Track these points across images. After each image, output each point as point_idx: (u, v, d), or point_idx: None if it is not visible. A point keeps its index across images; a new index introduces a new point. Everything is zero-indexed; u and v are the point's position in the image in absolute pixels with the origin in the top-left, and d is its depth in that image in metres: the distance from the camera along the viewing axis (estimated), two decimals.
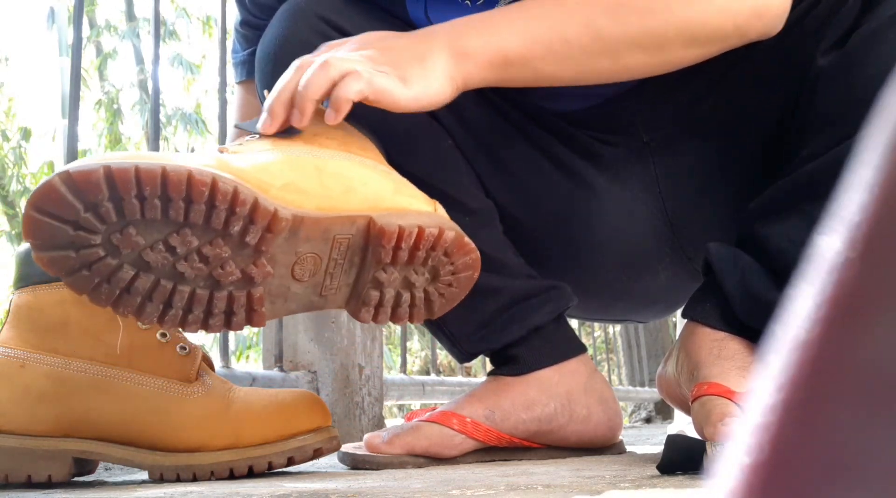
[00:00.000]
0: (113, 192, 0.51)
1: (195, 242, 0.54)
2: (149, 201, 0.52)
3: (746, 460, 0.11)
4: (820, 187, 0.67)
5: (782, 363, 0.11)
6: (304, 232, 0.57)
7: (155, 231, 0.53)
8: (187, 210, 0.52)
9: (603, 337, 3.84)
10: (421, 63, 0.65)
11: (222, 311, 0.57)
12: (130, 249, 0.53)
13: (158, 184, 0.51)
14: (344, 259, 0.60)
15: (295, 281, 0.59)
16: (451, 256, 0.63)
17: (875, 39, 0.67)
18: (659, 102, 0.84)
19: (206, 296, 0.56)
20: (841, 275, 0.11)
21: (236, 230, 0.54)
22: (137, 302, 0.55)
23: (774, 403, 0.11)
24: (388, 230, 0.58)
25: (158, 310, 0.56)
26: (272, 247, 0.56)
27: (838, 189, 0.12)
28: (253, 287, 0.57)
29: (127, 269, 0.54)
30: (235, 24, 0.96)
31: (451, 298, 0.66)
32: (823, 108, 0.70)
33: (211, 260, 0.55)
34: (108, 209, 0.51)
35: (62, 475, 0.70)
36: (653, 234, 0.89)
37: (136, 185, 0.51)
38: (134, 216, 0.52)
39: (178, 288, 0.56)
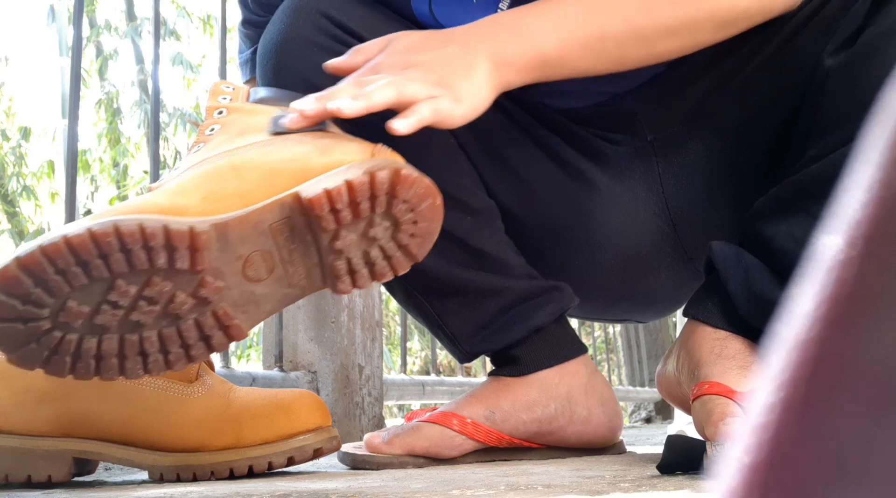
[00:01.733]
0: (34, 277, 0.51)
1: (133, 289, 0.53)
2: (69, 272, 0.51)
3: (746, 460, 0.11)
4: (825, 188, 0.67)
5: (783, 363, 0.11)
6: (234, 235, 0.55)
7: (92, 295, 0.53)
8: (107, 264, 0.52)
9: (603, 337, 3.84)
10: (468, 77, 0.67)
11: (198, 338, 0.56)
12: (80, 319, 0.53)
13: (67, 252, 0.51)
14: (294, 243, 0.57)
15: (255, 283, 0.57)
16: (398, 196, 0.58)
17: (883, 40, 0.67)
18: (663, 101, 0.84)
19: (174, 332, 0.55)
20: (841, 274, 0.11)
21: (163, 262, 0.53)
22: (116, 363, 0.55)
23: (774, 403, 0.11)
24: (314, 198, 0.55)
25: (139, 362, 0.55)
26: (208, 262, 0.54)
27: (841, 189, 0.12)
28: (213, 306, 0.55)
29: (88, 338, 0.54)
30: (238, 25, 0.96)
31: (425, 234, 0.61)
32: (830, 108, 0.70)
33: (158, 299, 0.54)
34: (37, 294, 0.51)
35: (62, 475, 0.70)
36: (655, 233, 0.89)
37: (50, 263, 0.51)
38: (64, 290, 0.52)
39: (144, 337, 0.55)
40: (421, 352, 6.00)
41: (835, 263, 0.11)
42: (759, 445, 0.11)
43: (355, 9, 0.81)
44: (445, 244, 0.82)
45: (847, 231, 0.11)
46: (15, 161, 5.76)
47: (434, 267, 0.82)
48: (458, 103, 0.65)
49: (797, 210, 0.69)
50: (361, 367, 1.32)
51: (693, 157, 0.85)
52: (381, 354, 1.39)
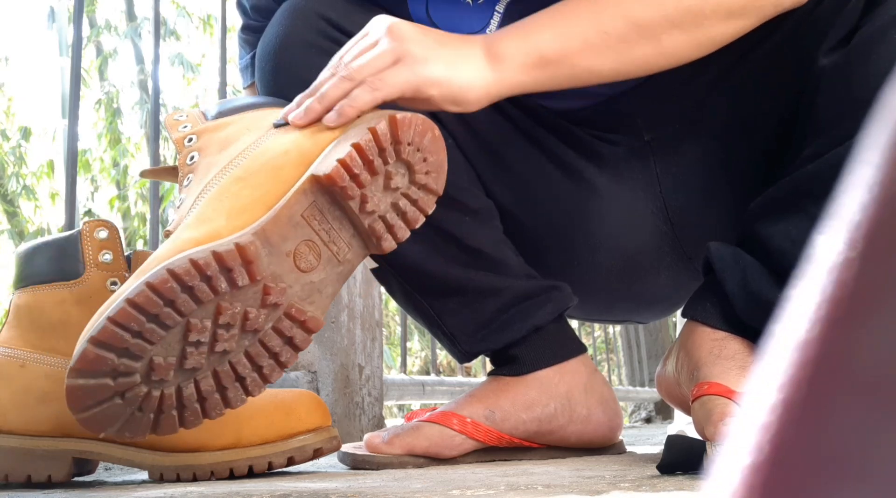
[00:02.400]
0: (112, 350, 0.52)
1: (209, 323, 0.54)
2: (143, 330, 0.52)
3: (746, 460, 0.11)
4: (822, 187, 0.67)
5: (782, 363, 0.11)
6: (275, 236, 0.57)
7: (172, 343, 0.54)
8: (175, 308, 0.53)
9: (603, 337, 3.84)
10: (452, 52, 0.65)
11: (283, 344, 0.57)
12: (171, 370, 0.54)
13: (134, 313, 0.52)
14: (329, 223, 0.59)
15: (309, 273, 0.59)
16: (401, 140, 0.61)
17: (878, 39, 0.67)
18: (660, 101, 0.84)
19: (258, 348, 0.57)
20: (841, 275, 0.11)
21: (225, 286, 0.54)
22: (219, 398, 0.56)
23: (774, 403, 0.11)
24: (332, 173, 0.57)
25: (239, 388, 0.57)
26: (263, 269, 0.56)
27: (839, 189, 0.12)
28: (283, 308, 0.57)
29: (187, 386, 0.55)
30: (238, 31, 0.96)
31: (436, 166, 0.64)
32: (826, 108, 0.70)
33: (233, 322, 0.55)
34: (123, 363, 0.52)
35: (62, 475, 0.70)
36: (653, 233, 0.89)
37: (121, 329, 0.52)
38: (143, 350, 0.53)
39: (234, 362, 0.56)
40: (421, 352, 6.00)
41: (834, 264, 0.11)
42: (759, 446, 0.11)
43: (353, 11, 0.81)
44: (444, 244, 0.82)
45: (847, 232, 0.11)
46: (15, 161, 5.76)
47: (433, 267, 0.82)
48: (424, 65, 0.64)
49: (794, 210, 0.69)
50: (361, 367, 1.32)
51: (690, 157, 0.85)
52: (381, 354, 1.39)
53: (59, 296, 0.71)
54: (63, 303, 0.71)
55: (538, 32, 0.68)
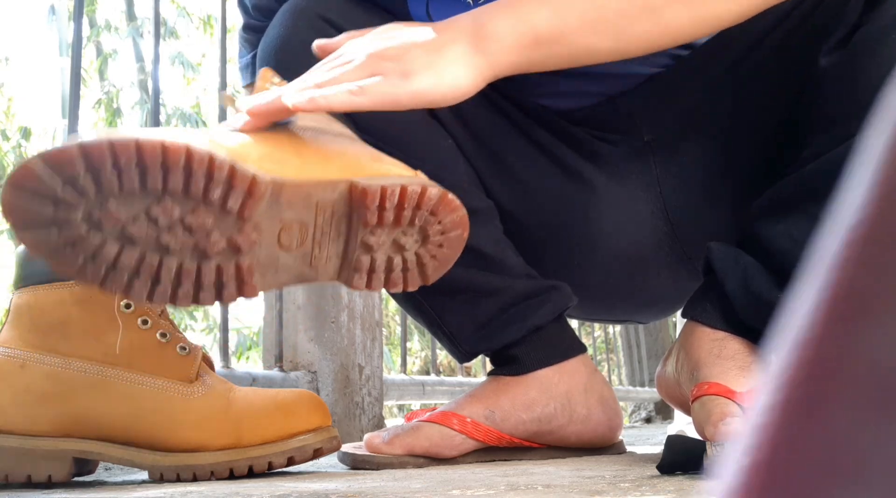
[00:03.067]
0: (90, 164, 0.51)
1: (177, 212, 0.54)
2: (125, 173, 0.51)
3: (746, 460, 0.11)
4: (822, 187, 0.67)
5: (782, 363, 0.11)
6: (286, 198, 0.56)
7: (136, 203, 0.53)
8: (165, 179, 0.52)
9: (603, 337, 3.84)
10: (433, 52, 0.61)
11: (212, 283, 0.56)
12: (113, 223, 0.53)
13: (133, 154, 0.51)
14: (330, 227, 0.59)
15: (283, 251, 0.58)
16: (437, 215, 0.61)
17: (878, 39, 0.67)
18: (660, 102, 0.84)
19: (193, 268, 0.56)
20: (841, 275, 0.11)
21: (217, 196, 0.53)
22: (125, 279, 0.55)
23: (774, 403, 0.11)
24: (370, 190, 0.58)
25: (147, 286, 0.55)
26: (255, 213, 0.55)
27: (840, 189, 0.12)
28: (240, 257, 0.56)
29: (111, 244, 0.54)
30: (239, 30, 0.96)
31: (444, 260, 0.64)
32: (826, 108, 0.70)
33: (195, 230, 0.54)
34: (86, 183, 0.51)
35: (62, 475, 0.70)
36: (653, 233, 0.89)
37: (112, 157, 0.51)
38: (113, 189, 0.52)
39: (164, 262, 0.55)
40: (421, 352, 6.00)
41: (834, 264, 0.11)
42: (758, 446, 0.11)
43: (353, 12, 0.81)
44: None
45: (846, 232, 0.11)
46: (15, 161, 5.76)
47: None
48: (406, 79, 0.60)
49: (794, 210, 0.69)
50: (361, 367, 1.32)
51: (690, 157, 0.85)
52: (381, 354, 1.39)
53: (59, 296, 0.71)
54: (63, 303, 0.71)
55: (532, 10, 0.63)
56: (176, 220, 0.54)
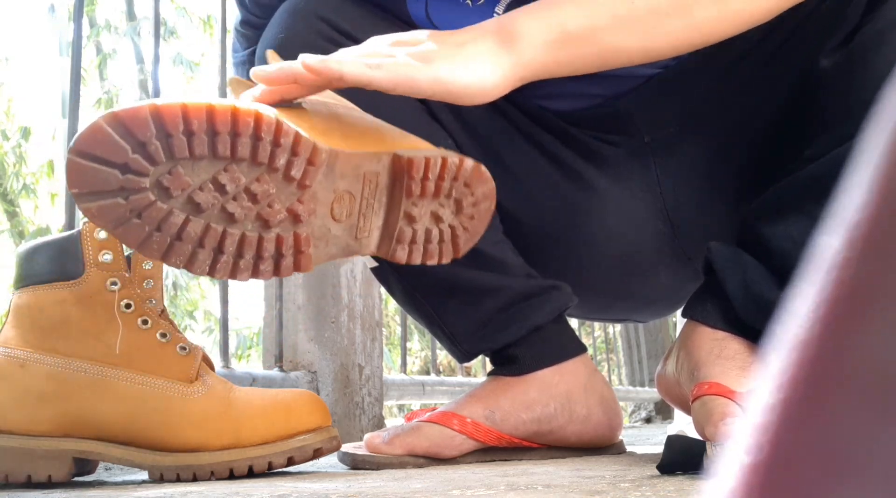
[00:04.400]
0: (161, 129, 0.50)
1: (243, 179, 0.54)
2: (196, 137, 0.51)
3: (746, 460, 0.11)
4: (822, 187, 0.67)
5: (782, 363, 0.11)
6: (339, 168, 0.57)
7: (203, 170, 0.53)
8: (234, 144, 0.52)
9: (603, 337, 3.84)
10: (456, 47, 0.59)
11: (272, 254, 0.56)
12: (181, 189, 0.52)
13: (205, 118, 0.51)
14: (374, 198, 0.60)
15: (334, 222, 0.59)
16: (471, 186, 0.64)
17: (879, 40, 0.67)
18: (659, 102, 0.84)
19: (255, 238, 0.56)
20: (841, 275, 0.11)
21: (282, 163, 0.54)
22: (189, 250, 0.54)
23: (774, 403, 0.11)
24: (415, 161, 0.59)
25: (210, 257, 0.55)
26: (314, 182, 0.56)
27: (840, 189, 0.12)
28: (299, 227, 0.57)
29: (177, 213, 0.53)
30: (235, 24, 0.96)
31: (474, 232, 0.66)
32: (826, 108, 0.70)
33: (259, 198, 0.54)
34: (156, 148, 0.50)
35: (62, 475, 0.70)
36: (653, 233, 0.89)
37: (184, 121, 0.51)
38: (183, 154, 0.51)
39: (228, 231, 0.55)
40: (421, 352, 6.00)
41: (834, 264, 0.11)
42: (759, 446, 0.11)
43: (352, 12, 0.81)
44: None
45: (847, 232, 0.11)
46: (15, 161, 5.76)
47: (433, 266, 0.82)
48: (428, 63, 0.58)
49: (794, 210, 0.69)
50: (361, 367, 1.32)
51: (690, 157, 0.85)
52: (381, 354, 1.39)
53: (59, 296, 0.71)
54: (63, 303, 0.71)
55: (561, 8, 0.62)
56: (242, 187, 0.54)
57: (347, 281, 1.31)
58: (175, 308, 5.53)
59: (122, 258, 0.72)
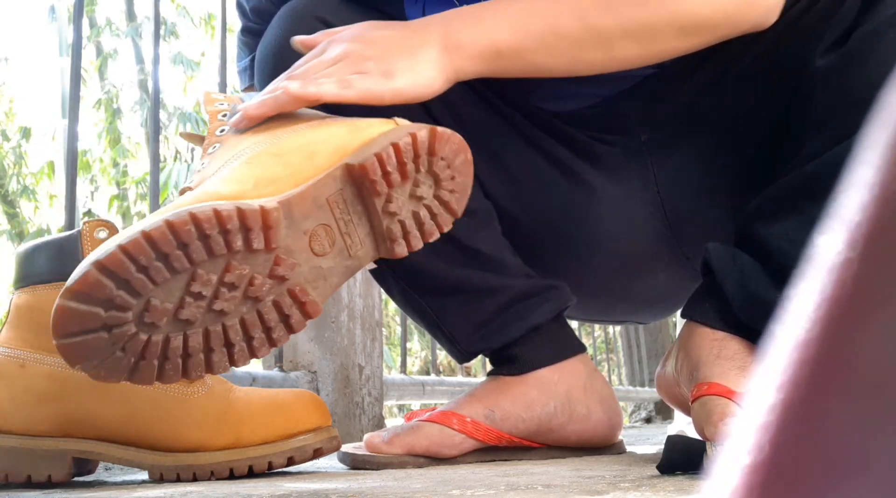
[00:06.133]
0: (114, 278, 0.50)
1: (214, 277, 0.53)
2: (150, 267, 0.51)
3: (746, 460, 0.11)
4: (819, 187, 0.67)
5: (782, 363, 0.11)
6: (298, 211, 0.57)
7: (174, 290, 0.53)
8: (187, 253, 0.52)
9: (603, 337, 3.84)
10: (410, 55, 0.67)
11: (278, 320, 0.57)
12: (165, 316, 0.53)
13: (147, 247, 0.51)
14: (349, 214, 0.60)
15: (320, 258, 0.59)
16: (436, 153, 0.63)
17: (874, 39, 0.67)
18: (656, 102, 0.84)
19: (255, 317, 0.56)
20: (841, 275, 0.11)
21: (240, 244, 0.53)
22: (202, 358, 0.55)
23: (774, 403, 0.11)
24: (367, 164, 0.58)
25: (225, 354, 0.55)
26: (280, 239, 0.55)
27: (838, 189, 0.12)
28: (289, 284, 0.57)
29: (175, 337, 0.54)
30: (237, 34, 0.96)
31: (462, 189, 0.66)
32: (822, 108, 0.70)
33: (237, 283, 0.54)
34: (121, 297, 0.51)
35: (62, 475, 0.70)
36: (651, 233, 0.89)
37: (131, 260, 0.50)
38: (145, 287, 0.51)
39: (227, 325, 0.55)
40: (421, 352, 6.00)
41: (834, 264, 0.11)
42: (758, 446, 0.11)
43: (351, 14, 0.81)
44: (442, 244, 0.82)
45: (846, 232, 0.11)
46: (15, 161, 5.76)
47: (431, 266, 0.82)
48: (388, 79, 0.65)
49: (791, 210, 0.69)
50: (361, 367, 1.32)
51: (687, 157, 0.85)
52: (381, 354, 1.39)
53: (58, 296, 0.71)
54: None
55: (495, 25, 0.69)
56: (216, 284, 0.54)
57: (347, 281, 1.31)
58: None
59: None
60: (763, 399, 0.11)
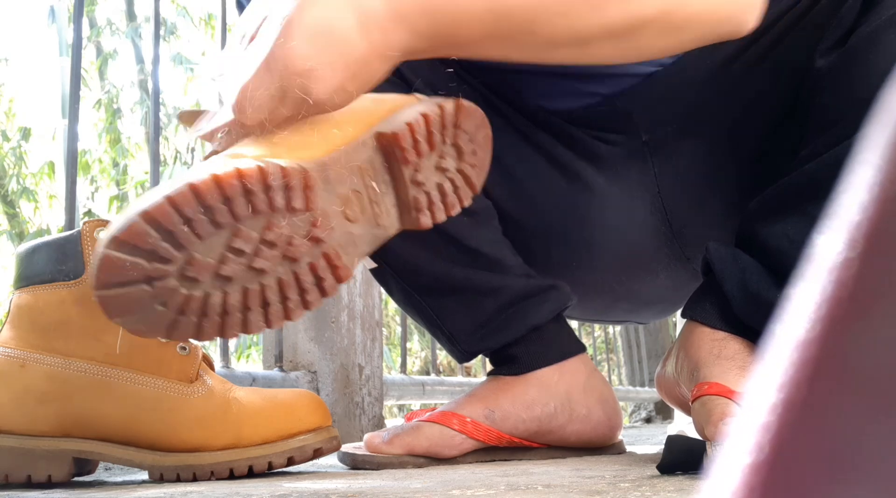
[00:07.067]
0: (159, 229, 0.50)
1: (255, 235, 0.54)
2: (195, 219, 0.51)
3: (746, 460, 0.11)
4: (820, 187, 0.67)
5: (782, 363, 0.11)
6: (333, 175, 0.57)
7: (216, 245, 0.53)
8: (231, 209, 0.52)
9: (603, 337, 3.84)
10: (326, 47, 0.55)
11: (312, 283, 0.57)
12: (207, 271, 0.53)
13: (193, 199, 0.51)
14: (377, 182, 0.61)
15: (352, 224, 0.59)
16: (461, 125, 0.64)
17: (875, 39, 0.67)
18: (657, 101, 0.84)
19: (292, 278, 0.56)
20: (841, 275, 0.11)
21: (281, 203, 0.54)
22: (240, 319, 0.55)
23: (774, 403, 0.11)
24: (398, 132, 0.59)
25: (261, 313, 0.56)
26: (317, 200, 0.56)
27: (838, 189, 0.12)
28: (324, 247, 0.57)
29: (214, 293, 0.54)
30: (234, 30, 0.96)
31: (481, 164, 0.67)
32: (823, 108, 0.70)
33: (277, 242, 0.55)
34: (165, 248, 0.51)
35: (62, 475, 0.70)
36: (652, 233, 0.89)
37: (176, 212, 0.50)
38: (190, 242, 0.51)
39: (265, 285, 0.55)
40: (421, 352, 6.00)
41: (834, 264, 0.11)
42: (759, 446, 0.11)
43: None
44: (443, 244, 0.82)
45: (847, 232, 0.11)
46: (15, 161, 5.75)
47: (431, 267, 0.82)
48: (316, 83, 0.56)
49: (792, 210, 0.69)
50: (361, 367, 1.32)
51: (688, 156, 0.85)
52: (381, 354, 1.39)
53: (59, 296, 0.71)
54: (63, 303, 0.71)
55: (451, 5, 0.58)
56: (257, 242, 0.54)
57: (347, 282, 1.31)
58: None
59: None
60: (763, 399, 0.11)
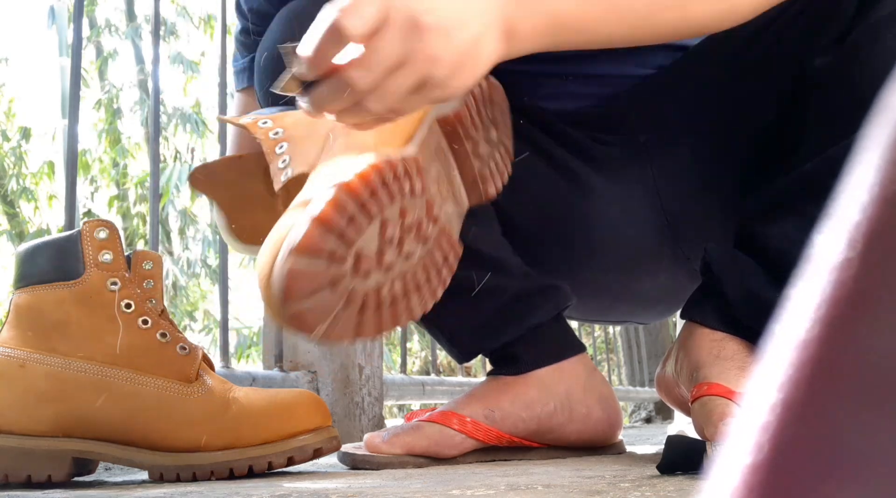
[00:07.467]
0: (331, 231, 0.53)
1: (398, 220, 0.57)
2: (355, 217, 0.54)
3: (746, 460, 0.11)
4: (818, 187, 0.67)
5: (782, 363, 0.11)
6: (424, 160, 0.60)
7: (372, 235, 0.56)
8: (376, 198, 0.55)
9: (603, 337, 3.84)
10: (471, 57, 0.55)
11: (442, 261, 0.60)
12: (372, 264, 0.55)
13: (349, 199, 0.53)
14: (448, 164, 0.65)
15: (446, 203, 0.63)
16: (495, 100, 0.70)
17: (872, 38, 0.67)
18: (654, 102, 0.84)
19: (429, 259, 0.60)
20: (841, 275, 0.11)
21: (408, 189, 0.57)
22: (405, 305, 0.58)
23: (774, 403, 0.11)
24: (459, 111, 0.63)
25: (419, 297, 0.59)
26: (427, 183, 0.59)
27: (837, 189, 0.12)
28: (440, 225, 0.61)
29: (382, 284, 0.56)
30: (235, 33, 0.96)
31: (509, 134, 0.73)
32: (821, 107, 0.70)
33: (413, 226, 0.58)
34: (339, 249, 0.53)
35: (62, 475, 0.69)
36: (651, 234, 0.89)
37: (339, 213, 0.53)
38: (353, 238, 0.54)
39: (415, 268, 0.58)
40: (421, 352, 5.99)
41: (834, 264, 0.11)
42: (758, 446, 0.11)
43: None
44: None
45: (846, 232, 0.11)
46: (15, 161, 5.75)
47: None
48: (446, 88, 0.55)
49: (791, 210, 0.69)
50: (361, 367, 1.32)
51: (686, 157, 0.85)
52: (381, 354, 1.39)
53: (59, 296, 0.71)
54: (63, 303, 0.71)
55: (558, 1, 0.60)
56: (399, 228, 0.57)
57: None
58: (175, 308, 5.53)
59: (122, 258, 0.72)
60: (763, 399, 0.11)
